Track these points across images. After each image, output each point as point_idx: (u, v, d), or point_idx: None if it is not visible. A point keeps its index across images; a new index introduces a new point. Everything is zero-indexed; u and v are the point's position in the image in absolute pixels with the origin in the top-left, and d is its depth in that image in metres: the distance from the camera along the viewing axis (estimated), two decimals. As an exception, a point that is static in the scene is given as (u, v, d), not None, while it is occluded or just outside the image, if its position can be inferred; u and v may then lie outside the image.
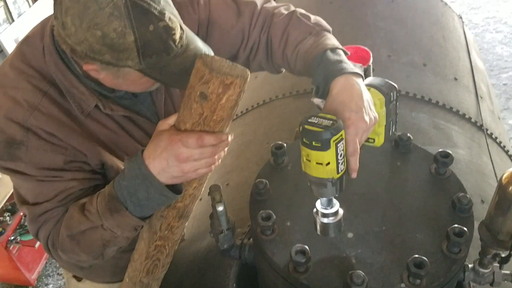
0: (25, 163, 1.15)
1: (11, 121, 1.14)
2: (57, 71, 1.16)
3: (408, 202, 1.22)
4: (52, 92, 1.17)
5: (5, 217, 3.28)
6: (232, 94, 0.92)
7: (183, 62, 1.05)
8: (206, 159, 1.02)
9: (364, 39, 2.28)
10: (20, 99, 1.15)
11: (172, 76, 1.07)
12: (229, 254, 1.32)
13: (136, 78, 1.08)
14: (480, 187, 1.78)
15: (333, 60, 1.15)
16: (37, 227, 1.23)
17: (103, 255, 1.22)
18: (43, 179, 1.17)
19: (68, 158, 1.18)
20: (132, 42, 0.97)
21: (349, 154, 1.01)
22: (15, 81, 1.17)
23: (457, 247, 1.09)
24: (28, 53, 1.19)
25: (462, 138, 1.98)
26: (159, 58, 1.02)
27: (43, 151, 1.15)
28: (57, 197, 1.19)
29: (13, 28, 3.93)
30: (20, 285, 3.58)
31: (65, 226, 1.18)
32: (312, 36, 1.27)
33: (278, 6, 1.42)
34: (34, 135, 1.14)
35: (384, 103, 1.10)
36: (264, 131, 2.11)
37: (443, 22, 2.68)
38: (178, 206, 1.14)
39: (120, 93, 1.23)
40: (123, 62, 1.00)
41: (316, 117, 0.93)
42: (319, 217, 1.02)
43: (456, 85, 2.27)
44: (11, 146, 1.13)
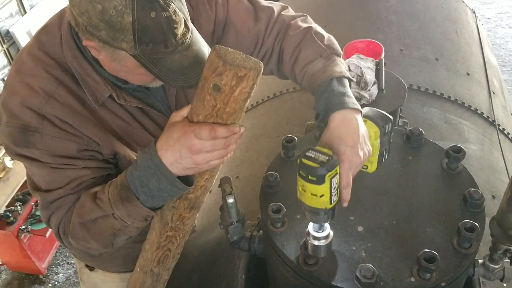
0: (39, 150, 1.16)
1: (27, 108, 1.15)
2: (73, 59, 1.17)
3: (419, 197, 1.22)
4: (68, 81, 1.18)
5: (16, 206, 3.32)
6: (245, 86, 0.92)
7: (181, 60, 1.05)
8: (218, 151, 1.02)
9: (376, 33, 2.27)
10: (36, 87, 1.16)
11: (168, 72, 1.06)
12: (239, 246, 1.32)
13: (132, 66, 1.08)
14: (491, 183, 1.77)
15: (336, 92, 1.18)
16: (49, 213, 1.25)
17: (112, 244, 1.24)
18: (56, 166, 1.19)
19: (81, 146, 1.19)
20: (129, 23, 0.98)
21: (342, 186, 1.06)
22: (32, 69, 1.18)
23: (468, 242, 1.09)
24: (46, 41, 1.20)
25: (474, 134, 1.97)
26: (155, 48, 1.01)
27: (57, 139, 1.16)
28: (69, 185, 1.20)
29: (25, 20, 3.96)
30: (31, 274, 3.63)
31: (77, 213, 1.20)
32: (322, 59, 1.29)
33: (296, 16, 1.42)
34: (49, 122, 1.16)
35: (379, 135, 1.15)
36: (274, 125, 2.12)
37: (456, 16, 2.65)
38: (189, 197, 1.15)
39: (133, 84, 1.24)
40: (117, 43, 1.01)
41: (313, 150, 0.98)
42: (311, 239, 1.06)
43: (468, 80, 2.25)
44: (26, 133, 1.15)
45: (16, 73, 1.21)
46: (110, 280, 1.79)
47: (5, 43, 3.82)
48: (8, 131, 1.16)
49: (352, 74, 1.69)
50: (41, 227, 3.46)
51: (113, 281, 1.79)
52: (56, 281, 3.62)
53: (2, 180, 3.33)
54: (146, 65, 1.05)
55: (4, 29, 3.81)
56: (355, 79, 1.68)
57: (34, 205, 3.45)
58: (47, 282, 3.61)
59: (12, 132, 1.16)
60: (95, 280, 1.83)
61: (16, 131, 1.15)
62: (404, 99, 1.63)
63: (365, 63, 1.69)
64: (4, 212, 3.22)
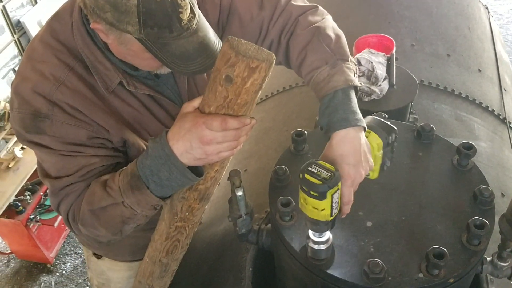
0: (50, 136, 1.17)
1: (38, 95, 1.16)
2: (84, 46, 1.18)
3: (428, 193, 1.22)
4: (79, 68, 1.19)
5: (25, 196, 3.35)
6: (257, 78, 0.92)
7: (186, 45, 1.05)
8: (229, 142, 1.03)
9: (388, 28, 2.25)
10: (47, 73, 1.17)
11: (172, 57, 1.06)
12: (247, 238, 1.33)
13: (138, 50, 1.08)
14: (501, 181, 1.76)
15: (339, 108, 1.16)
16: (59, 200, 1.26)
17: (121, 232, 1.25)
18: (66, 153, 1.20)
19: (91, 133, 1.20)
20: (134, 5, 0.98)
21: (343, 202, 1.10)
22: (43, 55, 1.19)
23: (477, 239, 1.08)
24: (57, 28, 1.21)
25: (484, 131, 1.96)
26: (160, 33, 1.02)
27: (67, 126, 1.17)
28: (78, 172, 1.21)
29: (36, 10, 3.97)
30: (39, 263, 3.67)
31: (87, 201, 1.21)
32: (327, 66, 1.23)
33: (306, 9, 1.36)
34: (60, 109, 1.17)
35: (382, 146, 1.16)
36: (283, 118, 2.11)
37: (469, 12, 2.63)
38: (199, 188, 1.15)
39: (143, 72, 1.24)
40: (123, 25, 1.01)
41: (316, 165, 1.00)
42: (311, 243, 1.08)
43: (480, 76, 2.23)
44: (37, 119, 1.16)
45: (27, 60, 1.21)
46: (117, 269, 1.81)
47: (15, 33, 3.84)
48: (20, 117, 1.18)
49: (363, 69, 1.68)
50: (50, 216, 3.49)
51: (120, 269, 1.81)
52: (63, 270, 3.66)
53: (11, 169, 3.36)
54: (151, 49, 1.05)
55: (15, 19, 3.82)
56: (366, 74, 1.68)
57: (43, 195, 3.48)
58: (54, 271, 3.65)
59: (23, 118, 1.17)
60: (102, 268, 1.84)
61: (27, 117, 1.16)
62: (415, 95, 1.62)
63: (376, 58, 1.68)
64: (13, 202, 3.25)
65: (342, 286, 1.08)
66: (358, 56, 1.69)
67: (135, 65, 1.21)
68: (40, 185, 3.47)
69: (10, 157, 3.38)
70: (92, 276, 1.93)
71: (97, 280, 1.91)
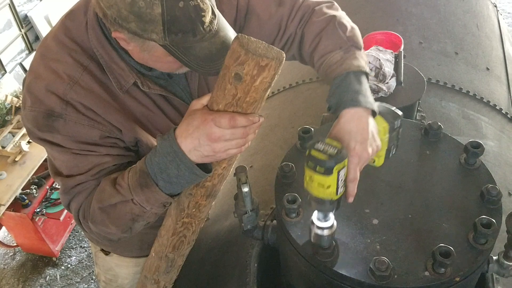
0: (62, 135, 1.17)
1: (51, 93, 1.16)
2: (98, 45, 1.18)
3: (435, 191, 1.21)
4: (93, 67, 1.19)
5: (31, 189, 3.37)
6: (267, 76, 0.92)
7: (209, 47, 1.05)
8: (237, 140, 1.03)
9: (396, 25, 2.24)
10: (61, 72, 1.17)
11: (197, 60, 1.07)
12: (252, 234, 1.33)
13: (161, 55, 1.09)
14: (508, 180, 1.75)
15: (351, 89, 1.17)
16: (69, 198, 1.26)
17: (131, 229, 1.25)
18: (78, 152, 1.20)
19: (104, 133, 1.20)
20: (158, 14, 0.98)
21: (349, 180, 1.09)
22: (57, 54, 1.19)
23: (484, 238, 1.08)
24: (72, 27, 1.21)
25: (492, 130, 1.95)
26: (184, 38, 1.02)
27: (80, 125, 1.17)
28: (90, 171, 1.21)
29: (43, 5, 3.98)
30: (44, 256, 3.70)
31: (97, 198, 1.21)
32: (341, 50, 1.27)
33: (322, 2, 1.39)
34: (73, 108, 1.17)
35: (388, 130, 1.16)
36: (289, 115, 2.11)
37: (477, 10, 2.61)
38: (206, 185, 1.16)
39: (156, 72, 1.25)
40: (147, 34, 1.01)
41: (323, 143, 1.00)
42: (314, 229, 1.08)
43: (488, 75, 2.22)
44: (50, 118, 1.16)
45: (41, 58, 1.21)
46: (125, 265, 1.82)
47: (23, 27, 3.85)
48: (32, 115, 1.17)
49: (371, 66, 1.67)
50: (56, 210, 3.51)
51: (128, 265, 1.82)
52: (69, 263, 3.69)
53: (18, 163, 3.38)
54: (176, 54, 1.05)
55: (22, 13, 3.83)
56: (373, 71, 1.67)
57: (49, 188, 3.50)
58: (60, 264, 3.68)
59: (36, 117, 1.17)
60: (110, 264, 1.85)
61: (40, 115, 1.16)
62: (422, 93, 1.61)
63: (384, 55, 1.68)
64: (19, 195, 3.28)
65: (347, 284, 1.08)
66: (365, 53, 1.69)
67: (155, 68, 1.21)
68: (46, 179, 3.49)
69: (17, 151, 3.40)
70: (100, 272, 1.94)
71: (104, 276, 1.92)
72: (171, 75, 1.29)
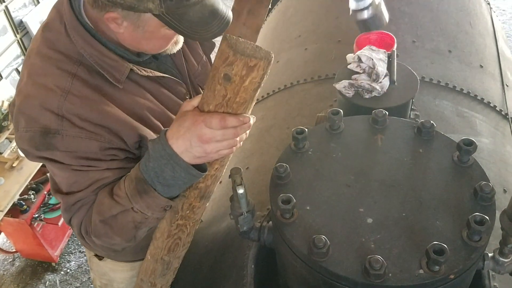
0: (61, 151, 1.16)
1: (46, 110, 1.14)
2: (85, 44, 1.17)
3: (429, 189, 1.22)
4: (82, 73, 1.18)
5: (29, 195, 3.37)
6: (256, 76, 0.93)
7: (201, 10, 1.07)
8: (228, 140, 1.03)
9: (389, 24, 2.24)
10: (51, 85, 1.15)
11: (191, 25, 1.08)
12: (248, 236, 1.33)
13: (155, 29, 1.10)
14: (502, 177, 1.75)
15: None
16: (70, 215, 1.25)
17: (135, 237, 1.25)
18: (78, 168, 1.18)
19: (103, 144, 1.18)
20: None
21: None
22: (43, 68, 1.18)
23: (477, 235, 1.08)
24: (51, 37, 1.20)
25: (486, 127, 1.95)
26: (178, 2, 1.03)
27: (78, 139, 1.15)
28: (90, 187, 1.20)
29: (38, 10, 3.99)
30: (44, 261, 3.69)
31: (97, 211, 1.20)
32: None
33: None
34: (69, 122, 1.15)
35: None
36: (284, 116, 2.11)
37: (470, 8, 2.61)
38: (199, 186, 1.16)
39: (145, 56, 1.25)
40: (143, 4, 1.02)
41: None
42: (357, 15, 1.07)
43: (481, 72, 2.22)
44: (47, 136, 1.14)
45: (28, 77, 1.19)
46: (120, 269, 1.82)
47: (18, 33, 3.86)
48: (28, 136, 1.15)
49: (364, 66, 1.68)
50: (54, 215, 3.51)
51: (123, 270, 1.81)
52: (68, 268, 3.68)
53: (15, 169, 3.38)
54: (171, 23, 1.06)
55: (17, 19, 3.84)
56: (366, 71, 1.67)
57: (47, 193, 3.50)
58: (59, 269, 3.67)
59: (33, 137, 1.15)
60: (104, 269, 1.85)
61: (37, 135, 1.14)
62: (416, 91, 1.62)
63: (377, 55, 1.68)
64: (17, 201, 3.28)
65: (343, 283, 1.08)
66: (359, 53, 1.69)
67: (146, 49, 1.21)
68: (44, 184, 3.49)
69: (14, 157, 3.40)
70: (95, 277, 1.93)
71: (99, 281, 1.92)
72: (157, 56, 1.29)
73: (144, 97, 1.26)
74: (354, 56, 1.71)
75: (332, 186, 1.25)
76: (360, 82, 1.62)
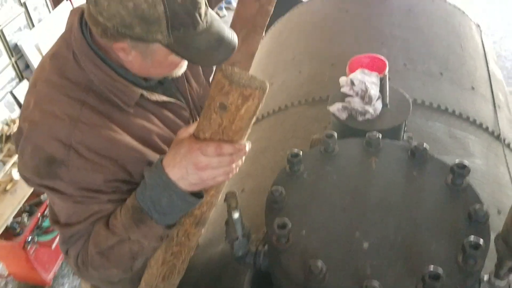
0: (65, 182, 1.14)
1: (54, 139, 1.12)
2: (96, 69, 1.16)
3: (424, 213, 1.22)
4: (91, 100, 1.17)
5: (23, 217, 3.34)
6: (251, 105, 0.94)
7: (208, 38, 1.10)
8: (224, 167, 1.04)
9: (380, 48, 2.28)
10: (60, 114, 1.14)
11: (198, 52, 1.10)
12: (244, 261, 1.33)
13: (163, 58, 1.12)
14: (496, 198, 1.77)
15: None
16: (68, 247, 1.23)
17: (132, 268, 1.23)
18: (80, 200, 1.16)
19: (108, 177, 1.17)
20: (162, 12, 1.01)
21: None
22: (50, 95, 1.16)
23: (472, 259, 1.09)
24: (60, 65, 1.19)
25: (479, 148, 1.97)
26: (186, 32, 1.06)
27: (84, 171, 1.13)
28: (89, 219, 1.18)
29: (34, 34, 4.01)
30: (37, 285, 3.64)
31: (93, 243, 1.18)
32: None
33: None
34: (76, 153, 1.13)
35: None
36: (279, 138, 2.13)
37: (460, 31, 2.67)
38: (195, 213, 1.16)
39: (151, 82, 1.26)
40: (152, 35, 1.04)
41: None
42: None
43: (473, 94, 2.26)
44: (52, 165, 1.12)
45: (35, 104, 1.17)
46: None
47: (13, 56, 3.87)
48: (33, 164, 1.14)
49: (357, 89, 1.70)
50: (47, 238, 3.48)
51: None
52: (61, 292, 3.63)
53: (9, 191, 3.36)
54: (179, 51, 1.08)
55: (12, 42, 3.86)
56: (359, 94, 1.69)
57: (41, 216, 3.47)
58: (52, 293, 3.62)
59: (37, 165, 1.13)
60: None
61: (42, 163, 1.12)
62: (408, 114, 1.63)
63: (369, 78, 1.70)
64: (11, 223, 3.25)
65: (339, 308, 1.08)
66: (351, 76, 1.71)
67: (154, 75, 1.23)
68: (38, 207, 3.47)
69: (8, 179, 3.39)
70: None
71: None
72: (162, 81, 1.31)
73: (152, 122, 1.26)
74: (347, 79, 1.73)
75: (327, 209, 1.25)
76: (353, 104, 1.64)
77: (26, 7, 3.99)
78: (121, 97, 1.19)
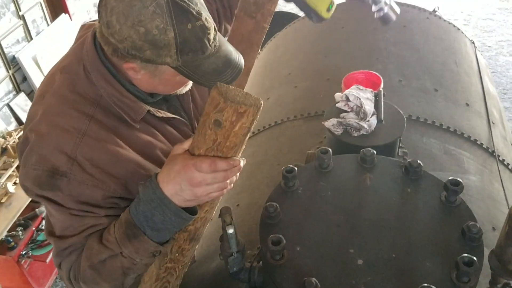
0: (65, 194, 1.15)
1: (60, 152, 1.14)
2: (106, 84, 1.18)
3: (418, 230, 1.22)
4: (99, 114, 1.19)
5: (17, 231, 3.32)
6: (245, 122, 0.95)
7: (216, 61, 1.11)
8: (218, 183, 1.04)
9: (376, 64, 2.31)
10: (67, 127, 1.15)
11: (205, 75, 1.12)
12: (239, 277, 1.32)
13: (171, 76, 1.14)
14: (491, 214, 1.77)
15: None
16: (61, 260, 1.24)
17: (123, 284, 1.23)
18: (76, 213, 1.17)
19: (107, 193, 1.18)
20: (172, 38, 1.03)
21: None
22: (59, 108, 1.18)
23: (466, 277, 1.09)
24: (70, 79, 1.21)
25: (474, 164, 1.98)
26: (194, 56, 1.07)
27: (84, 185, 1.15)
28: (83, 233, 1.19)
29: (31, 46, 4.03)
30: (30, 300, 3.60)
31: (85, 257, 1.19)
32: None
33: None
34: (79, 167, 1.14)
35: None
36: (275, 153, 2.13)
37: (455, 47, 2.69)
38: (189, 229, 1.16)
39: (158, 97, 1.29)
40: (162, 59, 1.06)
41: None
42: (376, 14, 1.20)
43: (467, 110, 2.27)
44: (54, 176, 1.13)
45: (42, 116, 1.19)
46: None
47: (11, 68, 3.88)
48: (35, 174, 1.15)
49: (352, 105, 1.71)
50: (42, 252, 3.45)
51: None
52: (54, 307, 3.59)
53: (4, 205, 3.33)
54: (186, 73, 1.10)
55: (10, 55, 3.87)
56: (354, 110, 1.71)
57: (35, 230, 3.45)
58: (45, 308, 3.58)
59: (39, 176, 1.14)
60: None
61: (44, 174, 1.14)
62: (403, 130, 1.65)
63: (364, 94, 1.72)
64: (5, 237, 3.22)
65: (333, 326, 1.08)
66: (346, 92, 1.73)
67: (159, 91, 1.25)
68: (33, 220, 3.44)
69: (3, 193, 3.36)
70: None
71: None
72: (167, 98, 1.33)
73: (156, 138, 1.28)
74: (342, 95, 1.75)
75: (322, 226, 1.25)
76: (348, 120, 1.65)
77: (24, 20, 4.02)
78: (129, 112, 1.21)
